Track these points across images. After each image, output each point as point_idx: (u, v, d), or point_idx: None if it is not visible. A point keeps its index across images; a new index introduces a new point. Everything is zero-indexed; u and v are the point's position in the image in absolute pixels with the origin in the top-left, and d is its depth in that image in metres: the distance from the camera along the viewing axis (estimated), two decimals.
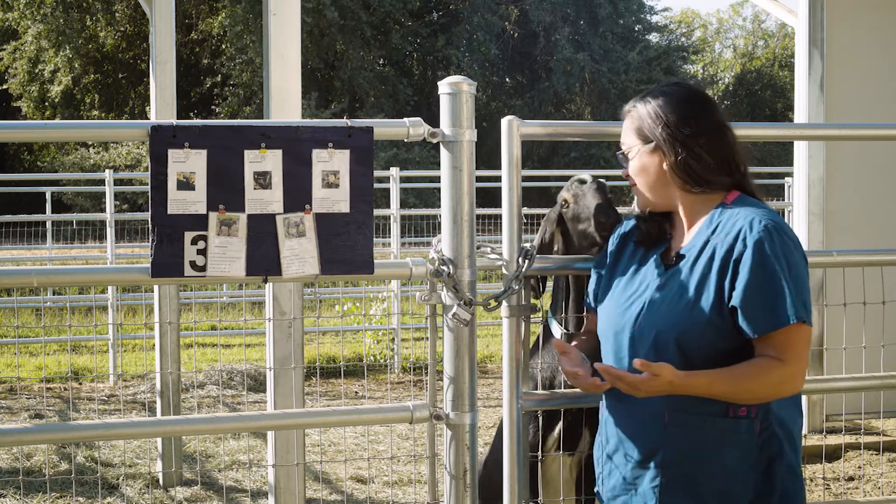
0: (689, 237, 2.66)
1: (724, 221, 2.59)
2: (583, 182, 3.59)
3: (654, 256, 2.70)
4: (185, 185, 2.66)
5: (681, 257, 2.63)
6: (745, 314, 2.47)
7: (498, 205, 3.44)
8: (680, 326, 2.52)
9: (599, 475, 2.75)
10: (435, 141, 2.82)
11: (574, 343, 2.93)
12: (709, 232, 2.60)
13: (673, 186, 2.66)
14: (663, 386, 2.45)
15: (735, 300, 2.49)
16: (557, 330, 3.47)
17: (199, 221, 2.67)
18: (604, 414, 2.75)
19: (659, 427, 2.56)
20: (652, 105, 2.67)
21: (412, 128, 2.81)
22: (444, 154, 2.81)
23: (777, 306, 2.46)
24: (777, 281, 2.47)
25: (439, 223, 3.01)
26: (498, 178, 3.03)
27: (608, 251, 2.85)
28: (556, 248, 3.60)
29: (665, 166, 2.64)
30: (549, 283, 3.76)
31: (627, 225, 2.85)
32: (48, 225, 13.11)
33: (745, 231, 2.52)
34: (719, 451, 2.52)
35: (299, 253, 2.72)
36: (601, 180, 3.62)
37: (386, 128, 2.84)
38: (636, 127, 2.70)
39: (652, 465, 2.57)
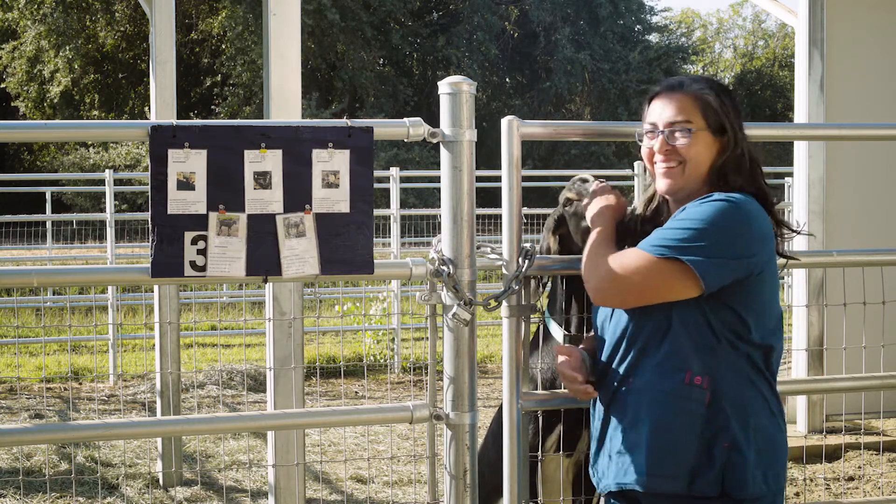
0: None
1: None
2: (585, 181, 3.59)
3: None
4: (185, 185, 2.66)
5: None
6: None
7: (498, 205, 3.45)
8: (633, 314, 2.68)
9: (592, 466, 2.78)
10: (435, 141, 2.82)
11: (582, 346, 2.93)
12: None
13: (704, 177, 2.68)
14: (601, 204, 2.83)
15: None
16: (557, 331, 3.47)
17: (199, 221, 2.67)
18: (599, 407, 2.79)
19: (625, 392, 2.65)
20: (721, 97, 2.69)
21: (412, 128, 2.81)
22: (444, 154, 2.81)
23: (655, 239, 2.60)
24: (673, 229, 2.58)
25: (439, 223, 3.01)
26: (498, 178, 3.03)
27: None
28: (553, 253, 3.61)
29: (720, 158, 2.67)
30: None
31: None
32: (48, 225, 13.11)
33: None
34: (665, 412, 2.58)
35: (299, 253, 2.72)
36: (602, 180, 3.62)
37: (386, 128, 2.84)
38: (702, 110, 2.68)
39: (619, 431, 2.66)
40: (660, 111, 2.70)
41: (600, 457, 2.73)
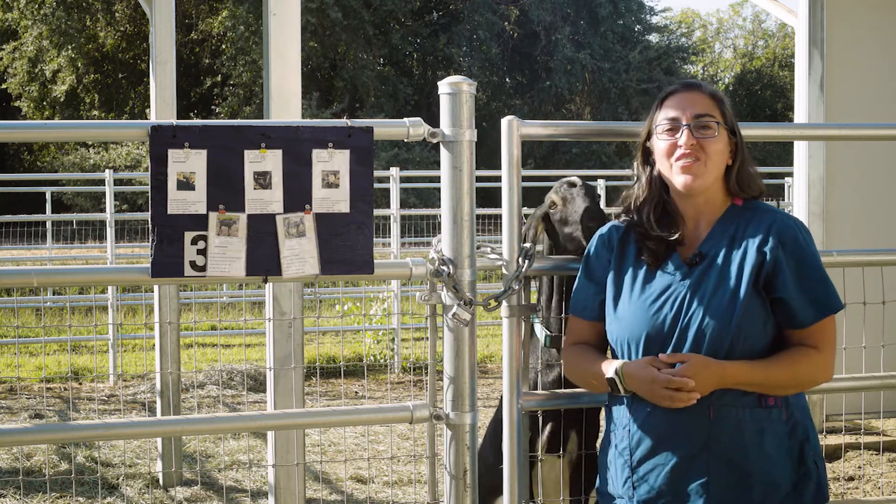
0: (704, 236, 2.67)
1: (745, 220, 2.65)
2: (572, 185, 3.57)
3: (671, 256, 2.68)
4: (185, 185, 2.66)
5: (702, 256, 2.64)
6: (796, 304, 2.57)
7: (498, 205, 3.45)
8: (733, 322, 2.55)
9: (626, 479, 2.66)
10: (435, 141, 2.82)
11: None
12: (730, 230, 2.65)
13: (720, 179, 2.69)
14: (711, 378, 2.50)
15: (782, 292, 2.57)
16: (540, 331, 3.46)
17: (199, 221, 2.67)
18: (628, 419, 2.67)
19: (706, 423, 2.57)
20: (730, 104, 2.73)
21: (412, 128, 2.81)
22: (444, 154, 2.81)
23: (826, 294, 2.59)
24: (821, 270, 2.60)
25: (439, 223, 3.01)
26: (498, 178, 3.03)
27: (601, 257, 2.79)
28: (541, 248, 3.60)
29: (735, 161, 2.68)
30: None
31: (619, 226, 2.79)
32: (48, 225, 13.12)
33: (776, 227, 2.60)
34: (760, 440, 2.57)
35: (299, 253, 2.72)
36: (590, 184, 3.60)
37: (386, 128, 2.84)
38: (720, 108, 2.69)
39: (699, 462, 2.57)
40: (682, 107, 2.66)
41: (650, 474, 2.63)
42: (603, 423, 2.88)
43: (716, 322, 2.55)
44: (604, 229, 2.84)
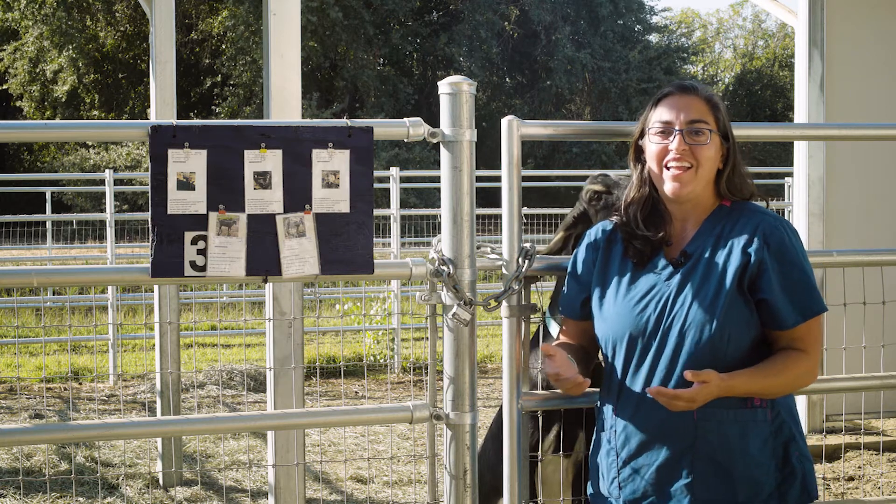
0: (690, 236, 2.67)
1: (732, 221, 2.64)
2: (607, 175, 3.59)
3: (657, 256, 2.69)
4: (185, 185, 2.66)
5: (688, 256, 2.64)
6: (779, 306, 2.55)
7: (498, 205, 3.44)
8: (715, 322, 2.55)
9: (613, 479, 2.69)
10: (435, 141, 2.82)
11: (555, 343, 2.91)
12: (716, 231, 2.64)
13: (711, 183, 2.67)
14: (712, 391, 2.48)
15: (766, 293, 2.55)
16: (556, 330, 3.46)
17: (199, 221, 2.67)
18: (613, 419, 2.70)
19: (690, 424, 2.57)
20: (721, 104, 2.71)
21: (412, 128, 2.81)
22: (444, 154, 2.81)
23: (809, 297, 2.58)
24: (805, 273, 2.58)
25: (439, 223, 3.01)
26: (498, 178, 3.03)
27: (586, 258, 2.81)
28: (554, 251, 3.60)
29: (726, 165, 2.67)
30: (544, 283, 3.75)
31: (606, 227, 2.82)
32: (48, 225, 13.13)
33: (761, 228, 2.59)
34: (744, 440, 2.57)
35: (299, 253, 2.72)
36: None
37: (386, 128, 2.84)
38: (714, 113, 2.67)
39: (683, 462, 2.58)
40: (676, 110, 2.64)
41: (635, 474, 2.64)
42: None
43: (698, 322, 2.56)
44: (591, 230, 2.86)
